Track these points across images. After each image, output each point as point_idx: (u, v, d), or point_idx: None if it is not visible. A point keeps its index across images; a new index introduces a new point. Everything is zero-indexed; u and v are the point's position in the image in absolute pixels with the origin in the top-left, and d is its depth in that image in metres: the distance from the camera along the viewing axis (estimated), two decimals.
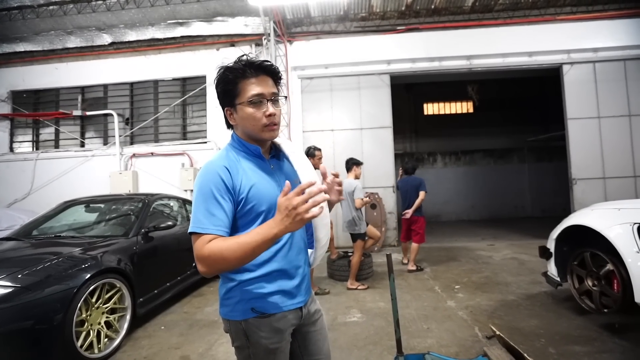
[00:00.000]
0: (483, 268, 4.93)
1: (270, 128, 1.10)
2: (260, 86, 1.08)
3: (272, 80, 1.12)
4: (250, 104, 1.07)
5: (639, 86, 6.86)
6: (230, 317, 1.11)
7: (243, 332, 1.09)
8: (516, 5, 6.79)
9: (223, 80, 1.11)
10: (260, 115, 1.08)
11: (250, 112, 1.08)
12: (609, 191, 6.74)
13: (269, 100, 1.09)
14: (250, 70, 1.08)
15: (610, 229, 2.55)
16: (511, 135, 11.83)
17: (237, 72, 1.08)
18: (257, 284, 1.09)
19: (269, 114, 1.08)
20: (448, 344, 2.66)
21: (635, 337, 2.59)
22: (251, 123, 1.09)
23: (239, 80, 1.08)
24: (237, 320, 1.10)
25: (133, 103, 7.45)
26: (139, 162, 7.10)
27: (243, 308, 1.09)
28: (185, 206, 4.83)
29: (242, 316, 1.09)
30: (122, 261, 2.95)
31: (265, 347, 1.09)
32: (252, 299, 1.08)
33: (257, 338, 1.09)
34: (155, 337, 3.01)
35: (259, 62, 1.10)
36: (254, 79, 1.08)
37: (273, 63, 1.13)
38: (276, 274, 1.12)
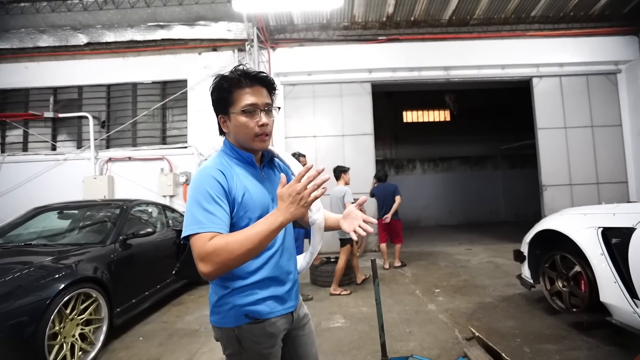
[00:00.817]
0: (461, 272, 5.09)
1: (262, 138, 1.12)
2: (255, 96, 1.09)
3: (267, 91, 1.14)
4: (244, 113, 1.09)
5: (600, 99, 7.36)
6: (223, 324, 1.11)
7: (236, 338, 1.09)
8: (490, 20, 7.14)
9: (218, 89, 1.13)
10: (252, 125, 1.09)
11: (243, 122, 1.09)
12: (575, 197, 7.14)
13: (262, 110, 1.10)
14: (245, 80, 1.09)
15: (577, 233, 2.71)
16: (486, 143, 12.33)
17: (233, 81, 1.10)
18: (250, 290, 1.10)
19: (262, 123, 1.10)
20: (430, 346, 2.72)
21: (601, 334, 2.76)
22: (243, 132, 1.11)
23: (233, 90, 1.10)
24: (230, 327, 1.10)
25: (110, 106, 7.20)
26: (115, 166, 6.86)
27: (236, 314, 1.09)
28: (165, 212, 4.72)
29: (235, 323, 1.09)
30: (99, 270, 2.84)
31: (258, 353, 1.10)
32: (245, 305, 1.09)
33: (251, 344, 1.09)
34: (134, 349, 2.90)
35: (254, 72, 1.11)
36: (248, 89, 1.10)
37: (268, 74, 1.15)
38: (268, 280, 1.13)
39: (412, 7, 6.81)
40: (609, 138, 7.35)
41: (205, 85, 6.92)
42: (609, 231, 2.47)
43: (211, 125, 6.55)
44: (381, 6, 6.78)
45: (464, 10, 6.94)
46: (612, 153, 7.33)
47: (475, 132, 12.36)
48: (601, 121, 7.35)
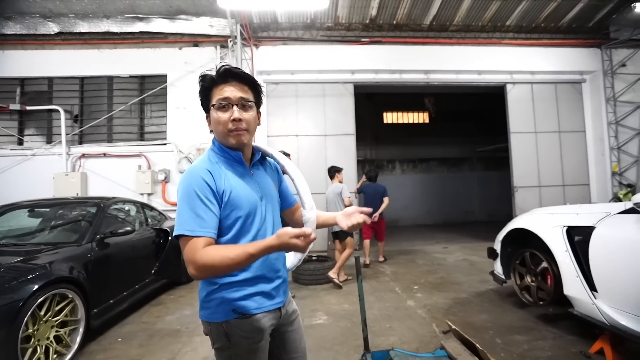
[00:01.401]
0: (438, 269, 5.28)
1: (235, 133, 1.13)
2: (230, 92, 1.11)
3: (249, 88, 1.16)
4: (216, 108, 1.11)
5: (566, 107, 7.84)
6: (211, 319, 1.13)
7: (224, 333, 1.12)
8: (468, 27, 7.42)
9: (201, 88, 1.16)
10: (225, 120, 1.11)
11: (216, 117, 1.12)
12: (543, 198, 7.56)
13: (236, 105, 1.11)
14: (221, 77, 1.12)
15: (545, 231, 2.90)
16: (463, 146, 12.77)
17: (210, 79, 1.13)
18: (239, 286, 1.13)
19: (234, 118, 1.10)
20: (409, 340, 2.83)
21: (564, 325, 2.97)
22: (218, 127, 1.13)
23: (212, 87, 1.13)
24: (218, 322, 1.12)
25: (83, 99, 6.90)
26: (89, 163, 6.58)
27: (224, 310, 1.12)
28: (143, 211, 4.60)
29: (224, 317, 1.12)
30: (75, 270, 2.75)
31: (246, 347, 1.13)
32: (233, 300, 1.12)
33: (239, 338, 1.12)
34: (112, 350, 2.83)
35: (227, 66, 1.13)
36: (223, 85, 1.12)
37: (241, 68, 1.17)
38: (257, 277, 1.16)
39: (395, 10, 6.97)
40: (573, 143, 7.83)
41: (185, 81, 6.79)
42: (573, 230, 2.66)
43: (192, 122, 6.46)
44: (365, 8, 6.89)
45: (444, 17, 7.17)
46: (576, 157, 7.82)
47: (453, 134, 12.76)
48: (567, 127, 7.82)
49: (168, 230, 4.48)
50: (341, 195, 4.69)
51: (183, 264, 4.57)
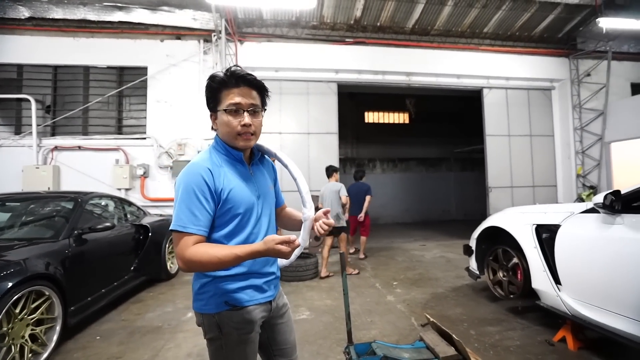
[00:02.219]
0: (417, 266, 5.46)
1: (244, 137, 1.18)
2: (240, 96, 1.15)
3: (257, 93, 1.20)
4: (227, 112, 1.15)
5: (537, 112, 8.27)
6: (204, 310, 1.18)
7: (216, 324, 1.16)
8: (448, 32, 7.66)
9: (208, 88, 1.18)
10: (235, 124, 1.16)
11: (226, 120, 1.16)
12: (515, 198, 7.96)
13: (246, 110, 1.16)
14: (232, 81, 1.15)
15: (516, 229, 3.10)
16: (441, 146, 13.17)
17: (222, 81, 1.16)
18: (231, 279, 1.17)
19: (244, 123, 1.15)
20: (390, 333, 2.95)
21: (532, 316, 3.18)
22: (227, 130, 1.17)
23: (222, 89, 1.16)
24: (211, 313, 1.17)
25: (57, 89, 6.59)
26: (62, 156, 6.30)
27: (217, 302, 1.16)
28: (122, 206, 4.49)
29: (216, 309, 1.16)
30: (52, 266, 2.67)
31: (237, 338, 1.17)
32: (225, 293, 1.16)
33: (230, 329, 1.16)
34: (91, 348, 2.77)
35: (243, 73, 1.17)
36: (235, 89, 1.15)
37: (256, 77, 1.20)
38: (249, 272, 1.21)
39: (379, 13, 7.10)
40: (543, 147, 8.29)
41: (167, 75, 6.64)
42: (541, 227, 2.86)
43: (173, 116, 6.33)
44: (349, 9, 6.98)
45: (426, 21, 7.37)
46: (545, 160, 8.28)
47: (432, 135, 13.13)
48: (538, 131, 8.26)
49: (148, 226, 4.38)
50: (339, 193, 4.95)
51: (163, 260, 4.53)
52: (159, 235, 4.59)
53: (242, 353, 1.18)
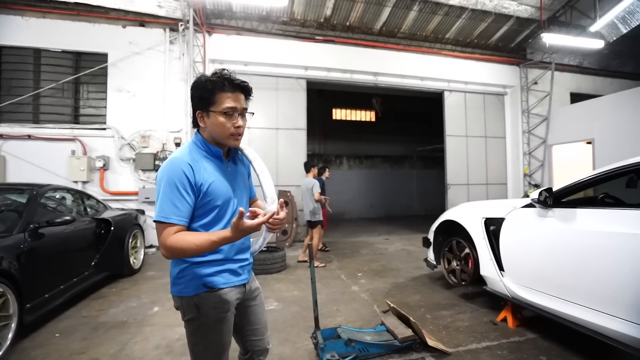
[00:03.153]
0: (380, 258, 5.76)
1: (235, 137, 1.29)
2: (235, 102, 1.25)
3: (245, 97, 1.30)
4: (223, 114, 1.24)
5: (492, 115, 8.95)
6: (183, 293, 1.27)
7: (195, 305, 1.26)
8: (413, 36, 8.04)
9: (202, 88, 1.26)
10: (229, 125, 1.26)
11: (222, 121, 1.25)
12: (470, 194, 8.58)
13: (239, 114, 1.27)
14: (228, 86, 1.25)
15: (468, 222, 3.42)
16: (405, 144, 13.73)
17: (217, 84, 1.24)
18: (208, 264, 1.27)
19: (237, 125, 1.27)
20: (354, 320, 3.15)
21: (480, 300, 3.54)
22: (220, 130, 1.26)
23: (217, 92, 1.24)
24: (189, 296, 1.26)
25: (1, 72, 6.06)
26: (9, 145, 5.83)
27: (195, 284, 1.26)
28: (81, 199, 4.29)
29: (194, 291, 1.26)
30: (6, 261, 2.54)
31: (214, 317, 1.27)
32: (203, 276, 1.26)
33: (208, 309, 1.26)
34: (50, 346, 2.68)
35: (238, 81, 1.27)
36: (230, 94, 1.25)
37: (247, 83, 1.30)
38: (225, 257, 1.31)
39: (348, 13, 7.28)
40: (496, 147, 8.99)
41: (130, 63, 6.35)
42: (489, 220, 3.19)
43: (136, 107, 6.15)
44: (320, 7, 7.09)
45: (393, 24, 7.68)
46: (498, 160, 9.00)
47: (397, 133, 13.64)
48: (492, 133, 8.95)
49: (110, 220, 4.23)
50: (312, 190, 5.10)
51: (126, 256, 4.41)
52: (122, 230, 4.45)
53: (219, 331, 1.29)
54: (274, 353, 2.53)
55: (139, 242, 4.95)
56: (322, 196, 5.26)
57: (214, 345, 1.30)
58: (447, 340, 2.70)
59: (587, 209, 2.44)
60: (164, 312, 3.34)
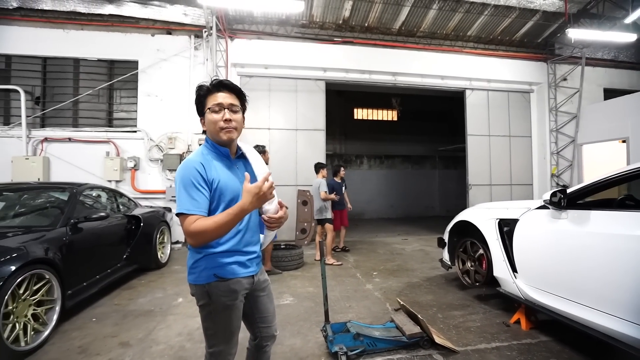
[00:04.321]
0: (396, 258, 5.78)
1: (227, 130, 1.42)
2: (221, 98, 1.41)
3: (236, 96, 1.45)
4: (211, 111, 1.41)
5: (516, 114, 8.67)
6: (196, 282, 1.42)
7: (206, 293, 1.41)
8: (433, 34, 7.95)
9: (196, 96, 1.45)
10: (218, 119, 1.40)
11: (211, 118, 1.41)
12: (493, 195, 8.37)
13: (226, 108, 1.41)
14: (214, 87, 1.42)
15: (481, 223, 3.41)
16: (426, 144, 13.54)
17: (205, 89, 1.43)
18: (219, 256, 1.42)
19: (225, 119, 1.40)
20: (365, 316, 3.24)
21: (494, 302, 3.52)
22: (212, 127, 1.42)
23: (206, 96, 1.43)
24: (202, 284, 1.41)
25: (46, 81, 6.62)
26: (53, 147, 6.37)
27: (207, 274, 1.41)
28: (115, 197, 4.64)
29: (206, 280, 1.41)
30: (51, 252, 2.85)
31: (223, 304, 1.42)
32: (214, 267, 1.41)
33: (217, 297, 1.41)
34: (87, 329, 2.97)
35: (224, 81, 1.44)
36: (217, 93, 1.42)
37: (232, 82, 1.46)
38: (234, 250, 1.45)
39: (367, 14, 7.32)
40: (521, 147, 8.70)
41: (158, 69, 6.74)
42: (503, 221, 3.17)
43: (164, 110, 6.53)
44: (338, 9, 7.18)
45: (412, 23, 7.64)
46: (522, 160, 8.71)
47: (418, 133, 13.48)
48: (516, 132, 8.67)
49: (140, 217, 4.55)
50: (319, 189, 5.29)
51: (154, 250, 4.72)
52: (150, 226, 4.76)
53: (228, 317, 1.43)
54: (286, 344, 2.68)
55: (166, 238, 5.27)
56: (329, 195, 5.38)
57: (223, 330, 1.45)
58: (456, 339, 2.73)
59: (602, 211, 2.40)
60: (186, 304, 3.57)
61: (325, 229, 5.44)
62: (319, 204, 5.39)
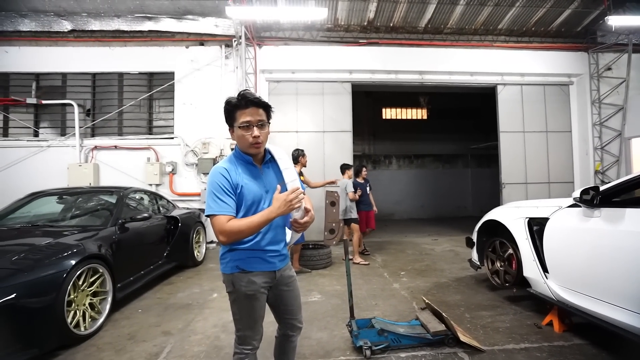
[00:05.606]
0: (425, 258, 5.73)
1: (255, 146, 1.56)
2: (250, 116, 1.53)
3: (263, 110, 1.57)
4: (241, 128, 1.54)
5: (554, 108, 8.22)
6: (224, 271, 1.62)
7: (231, 281, 1.59)
8: (461, 30, 7.76)
9: (226, 109, 1.58)
10: (247, 136, 1.54)
11: (241, 134, 1.54)
12: (529, 194, 7.99)
13: (255, 125, 1.54)
14: (243, 103, 1.53)
15: (510, 222, 3.34)
16: (457, 142, 13.14)
17: (235, 104, 1.54)
18: (242, 251, 1.58)
19: (254, 136, 1.54)
20: (390, 314, 3.29)
21: (525, 303, 3.43)
22: (241, 141, 1.57)
23: (235, 110, 1.55)
24: (228, 274, 1.60)
25: (95, 94, 7.29)
26: (101, 154, 7.00)
27: (232, 266, 1.58)
28: (155, 199, 5.02)
29: (231, 271, 1.59)
30: (104, 248, 3.18)
31: (244, 293, 1.58)
32: (237, 259, 1.58)
33: (239, 286, 1.58)
34: (134, 319, 3.28)
35: (252, 97, 1.54)
36: (246, 110, 1.53)
37: (261, 98, 1.57)
38: (256, 248, 1.59)
39: (392, 14, 7.31)
40: (560, 143, 8.24)
41: (192, 79, 7.17)
42: (533, 220, 3.09)
43: (197, 117, 6.95)
44: (363, 11, 7.23)
45: (439, 20, 7.52)
46: (562, 156, 8.23)
47: (448, 131, 13.12)
48: (554, 127, 8.22)
49: (178, 218, 4.90)
50: (346, 189, 5.40)
51: (191, 249, 5.05)
52: (187, 227, 5.11)
53: (249, 305, 1.60)
54: (313, 338, 2.81)
55: (202, 238, 5.61)
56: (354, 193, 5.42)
57: (247, 316, 1.61)
58: (483, 339, 2.71)
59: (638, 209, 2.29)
60: (221, 298, 3.82)
61: (351, 229, 5.51)
62: (345, 204, 5.49)
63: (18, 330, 2.29)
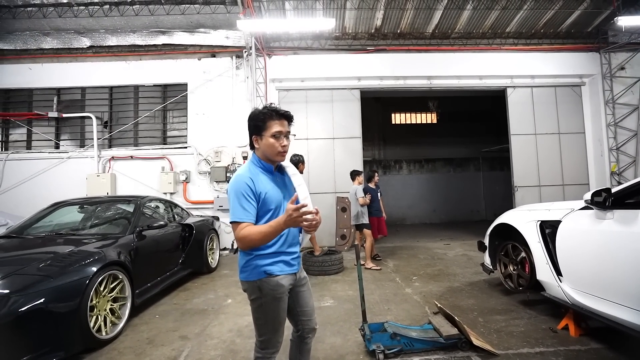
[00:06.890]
0: (438, 263, 5.70)
1: (282, 154, 1.68)
2: (281, 127, 1.65)
3: (287, 122, 1.69)
4: (273, 137, 1.64)
5: (566, 109, 8.11)
6: (249, 279, 1.66)
7: (257, 288, 1.64)
8: (469, 34, 7.78)
9: (256, 118, 1.67)
10: (277, 145, 1.64)
11: (272, 142, 1.64)
12: (543, 197, 7.86)
13: (284, 136, 1.66)
14: (275, 115, 1.65)
15: (522, 225, 3.32)
16: (469, 146, 13.03)
17: (267, 115, 1.65)
18: (267, 257, 1.65)
19: (284, 145, 1.66)
20: (403, 318, 3.30)
21: (540, 308, 3.39)
22: (271, 149, 1.66)
23: (267, 120, 1.65)
24: (253, 280, 1.65)
25: (112, 107, 7.57)
26: (118, 165, 7.24)
27: (258, 272, 1.64)
28: (170, 208, 5.16)
29: (257, 277, 1.64)
30: (123, 255, 3.31)
31: (272, 297, 1.64)
32: (264, 265, 1.64)
33: (267, 291, 1.63)
34: (152, 324, 3.38)
35: (282, 111, 1.67)
36: (277, 121, 1.65)
37: (289, 112, 1.69)
38: (280, 251, 1.67)
39: (399, 20, 7.40)
40: (573, 144, 8.11)
41: (204, 89, 7.38)
42: (545, 223, 3.08)
43: (210, 127, 7.15)
44: (370, 19, 7.34)
45: (446, 25, 7.56)
46: (576, 158, 8.10)
47: (459, 135, 13.02)
48: (567, 129, 8.11)
49: (192, 225, 5.02)
50: (356, 195, 5.45)
51: (205, 256, 5.16)
52: (201, 234, 5.22)
53: (276, 308, 1.66)
54: (327, 342, 2.84)
55: (215, 245, 5.72)
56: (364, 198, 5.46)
57: (272, 320, 1.67)
58: (497, 343, 2.70)
59: None
60: (235, 304, 3.89)
61: (363, 234, 5.55)
62: (356, 209, 5.54)
63: (46, 333, 2.41)
